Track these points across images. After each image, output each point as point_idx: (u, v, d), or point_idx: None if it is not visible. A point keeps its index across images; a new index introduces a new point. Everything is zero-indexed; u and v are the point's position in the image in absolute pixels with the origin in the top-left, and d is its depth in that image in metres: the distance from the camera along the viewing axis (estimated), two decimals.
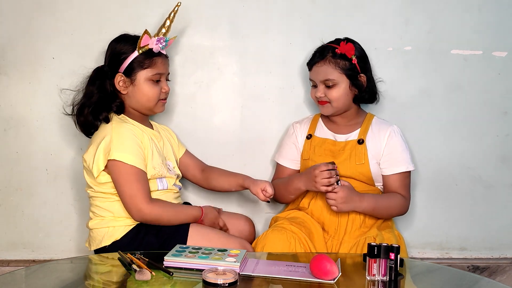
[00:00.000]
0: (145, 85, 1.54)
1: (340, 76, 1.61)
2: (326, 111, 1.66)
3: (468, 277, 1.33)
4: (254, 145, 1.85)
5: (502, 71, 1.87)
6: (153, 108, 1.58)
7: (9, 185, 1.81)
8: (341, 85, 1.62)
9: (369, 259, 1.21)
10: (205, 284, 1.13)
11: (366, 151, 1.62)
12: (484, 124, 1.88)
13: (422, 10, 1.83)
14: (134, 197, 1.44)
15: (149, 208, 1.45)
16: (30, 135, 1.79)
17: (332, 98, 1.62)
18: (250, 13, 1.81)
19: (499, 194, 1.91)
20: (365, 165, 1.61)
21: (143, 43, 1.52)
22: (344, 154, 1.63)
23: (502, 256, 1.94)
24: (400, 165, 1.63)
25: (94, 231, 1.52)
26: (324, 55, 1.62)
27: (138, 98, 1.55)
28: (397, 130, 1.67)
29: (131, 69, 1.53)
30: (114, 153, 1.44)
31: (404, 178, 1.65)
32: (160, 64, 1.56)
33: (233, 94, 1.85)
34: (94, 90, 1.54)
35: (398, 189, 1.63)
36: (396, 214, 1.65)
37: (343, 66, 1.61)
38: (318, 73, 1.63)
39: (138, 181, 1.46)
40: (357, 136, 1.65)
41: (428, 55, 1.84)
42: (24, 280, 1.24)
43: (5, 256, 1.83)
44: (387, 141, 1.64)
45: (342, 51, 1.60)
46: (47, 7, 1.75)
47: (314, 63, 1.64)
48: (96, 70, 1.58)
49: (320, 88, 1.63)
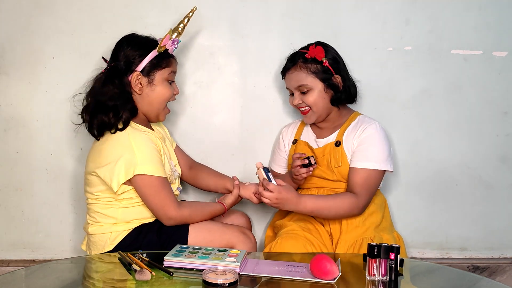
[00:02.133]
0: (161, 85, 1.52)
1: (313, 80, 1.59)
2: (309, 120, 1.65)
3: (468, 277, 1.33)
4: (254, 145, 1.85)
5: (502, 71, 1.87)
6: (161, 113, 1.55)
7: (9, 185, 1.81)
8: (316, 89, 1.59)
9: (369, 259, 1.21)
10: (205, 284, 1.13)
11: (344, 153, 1.59)
12: (484, 124, 1.88)
13: (422, 10, 1.83)
14: (164, 206, 1.45)
15: (179, 214, 1.46)
16: (30, 135, 1.79)
17: (309, 103, 1.60)
18: (250, 13, 1.81)
19: (499, 194, 1.91)
20: (344, 167, 1.58)
21: (163, 43, 1.50)
22: (325, 158, 1.62)
23: (502, 256, 1.94)
24: (366, 160, 1.54)
25: (95, 237, 1.50)
26: (294, 62, 1.61)
27: (152, 99, 1.51)
28: (377, 127, 1.59)
29: (150, 68, 1.50)
30: (140, 168, 1.41)
31: (368, 175, 1.54)
32: (174, 64, 1.56)
33: (233, 94, 1.85)
34: (114, 88, 1.46)
35: (355, 186, 1.53)
36: (345, 214, 1.53)
37: (315, 70, 1.59)
38: (291, 80, 1.62)
39: (164, 188, 1.45)
40: (335, 138, 1.63)
41: (428, 55, 1.85)
42: (24, 280, 1.24)
43: (5, 256, 1.83)
44: (360, 135, 1.58)
45: (312, 55, 1.59)
46: (46, 7, 1.75)
47: (286, 70, 1.64)
48: (111, 67, 1.50)
49: (296, 95, 1.62)
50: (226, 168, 1.82)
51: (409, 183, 1.88)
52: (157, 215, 1.47)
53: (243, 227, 1.61)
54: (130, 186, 1.45)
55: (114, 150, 1.43)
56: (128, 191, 1.46)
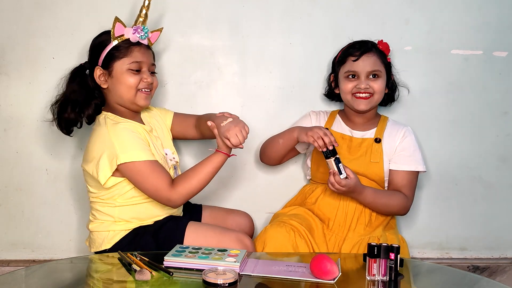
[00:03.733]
0: (123, 75, 1.49)
1: (383, 69, 1.65)
2: (364, 106, 1.62)
3: (468, 277, 1.33)
4: (254, 145, 1.85)
5: (502, 71, 1.86)
6: (133, 100, 1.51)
7: (9, 185, 1.81)
8: (383, 78, 1.64)
9: (369, 259, 1.21)
10: (205, 284, 1.13)
11: (382, 150, 1.63)
12: (484, 124, 1.88)
13: (422, 10, 1.83)
14: (157, 189, 1.43)
15: (175, 193, 1.44)
16: (30, 135, 1.79)
17: (376, 89, 1.62)
18: (250, 13, 1.81)
19: (499, 194, 1.91)
20: (379, 164, 1.62)
21: (117, 33, 1.49)
22: (360, 150, 1.64)
23: (502, 256, 1.94)
24: (410, 164, 1.63)
25: (94, 234, 1.52)
26: (370, 47, 1.64)
27: (117, 89, 1.50)
28: (411, 130, 1.69)
29: (108, 60, 1.50)
30: (122, 157, 1.41)
31: (411, 177, 1.64)
32: (137, 53, 1.50)
33: (233, 94, 1.85)
34: (75, 87, 1.51)
35: (403, 188, 1.62)
36: (395, 212, 1.64)
37: (385, 61, 1.66)
38: (368, 62, 1.62)
39: (153, 171, 1.43)
40: (373, 135, 1.66)
41: (428, 55, 1.84)
42: (24, 280, 1.24)
43: (5, 256, 1.83)
44: (401, 140, 1.65)
45: (382, 48, 1.66)
46: (46, 7, 1.75)
47: (363, 53, 1.62)
48: (76, 67, 1.56)
49: (364, 79, 1.61)
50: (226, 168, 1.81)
51: None
52: (156, 199, 1.46)
53: (241, 233, 1.56)
54: (122, 177, 1.46)
55: (96, 146, 1.46)
56: (118, 184, 1.46)
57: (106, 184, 1.45)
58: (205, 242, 1.44)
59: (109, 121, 1.49)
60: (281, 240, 1.47)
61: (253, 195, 1.86)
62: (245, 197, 1.86)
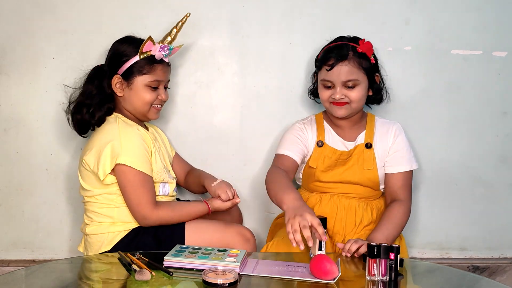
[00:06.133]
0: (141, 90, 1.53)
1: (363, 76, 1.55)
2: (342, 113, 1.57)
3: (468, 277, 1.33)
4: (254, 145, 1.85)
5: (502, 71, 1.87)
6: (146, 114, 1.56)
7: (9, 185, 1.81)
8: (362, 85, 1.55)
9: (369, 259, 1.21)
10: (205, 284, 1.13)
11: (375, 156, 1.59)
12: (484, 124, 1.88)
13: (422, 10, 1.83)
14: (139, 204, 1.44)
15: (154, 214, 1.45)
16: (30, 135, 1.79)
17: (352, 98, 1.54)
18: (250, 13, 1.81)
19: (499, 194, 1.91)
20: (373, 171, 1.58)
21: (145, 49, 1.51)
22: (352, 159, 1.59)
23: (502, 256, 1.94)
24: (405, 164, 1.59)
25: (92, 237, 1.50)
26: (346, 54, 1.53)
27: (133, 102, 1.54)
28: (401, 128, 1.64)
29: (130, 73, 1.52)
30: (123, 158, 1.43)
31: (407, 177, 1.60)
32: (159, 71, 1.54)
33: (233, 94, 1.85)
34: (93, 89, 1.53)
35: (399, 190, 1.58)
36: (404, 225, 1.56)
37: (365, 65, 1.55)
38: (341, 74, 1.52)
39: (144, 186, 1.45)
40: (363, 140, 1.61)
41: (428, 55, 1.84)
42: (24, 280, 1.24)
43: (5, 256, 1.83)
44: (393, 140, 1.61)
45: (363, 50, 1.54)
46: (47, 7, 1.75)
47: (336, 63, 1.53)
48: (95, 68, 1.57)
49: (339, 89, 1.54)
50: (226, 168, 1.82)
51: None
52: (132, 212, 1.46)
53: (242, 226, 1.59)
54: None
55: (102, 140, 1.47)
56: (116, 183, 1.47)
57: (104, 180, 1.45)
58: (208, 238, 1.46)
59: (121, 122, 1.51)
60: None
61: (253, 195, 1.86)
62: (244, 197, 1.86)
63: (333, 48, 1.57)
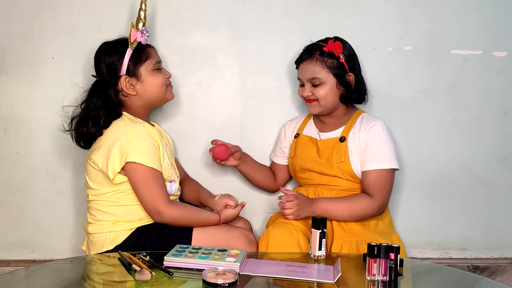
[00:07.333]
0: (151, 76, 1.54)
1: (327, 74, 1.59)
2: (313, 110, 1.65)
3: (468, 277, 1.33)
4: (254, 145, 1.85)
5: (502, 71, 1.86)
6: (165, 96, 1.59)
7: (9, 185, 1.81)
8: (328, 83, 1.60)
9: (369, 259, 1.21)
10: (205, 284, 1.13)
11: (347, 149, 1.60)
12: (484, 124, 1.88)
13: (422, 10, 1.83)
14: (154, 199, 1.44)
15: (168, 210, 1.45)
16: (30, 135, 1.79)
17: (318, 96, 1.61)
18: (250, 13, 1.81)
19: (499, 194, 1.91)
20: (346, 163, 1.59)
21: (132, 39, 1.52)
22: (327, 152, 1.63)
23: (502, 256, 1.94)
24: (375, 162, 1.57)
25: (94, 236, 1.50)
26: (311, 53, 1.61)
27: (149, 91, 1.54)
28: (381, 125, 1.60)
29: (132, 67, 1.52)
30: (133, 155, 1.42)
31: (378, 176, 1.56)
32: (153, 53, 1.57)
33: (233, 94, 1.85)
34: (98, 101, 1.49)
35: (369, 188, 1.56)
36: (361, 215, 1.56)
37: (330, 65, 1.59)
38: (305, 71, 1.62)
39: (156, 182, 1.45)
40: (340, 134, 1.64)
41: (428, 55, 1.84)
42: (24, 280, 1.24)
43: (5, 256, 1.83)
44: (365, 136, 1.59)
45: (330, 49, 1.59)
46: (47, 7, 1.75)
47: (301, 61, 1.63)
48: (96, 82, 1.54)
49: (307, 87, 1.62)
50: (225, 168, 1.82)
51: (409, 183, 1.88)
52: (146, 208, 1.46)
53: (245, 229, 1.60)
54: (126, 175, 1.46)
55: (111, 139, 1.46)
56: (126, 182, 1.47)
57: (114, 179, 1.45)
58: (214, 240, 1.46)
59: (127, 119, 1.50)
60: (284, 240, 1.46)
61: (253, 195, 1.86)
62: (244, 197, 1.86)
63: (305, 48, 1.66)
